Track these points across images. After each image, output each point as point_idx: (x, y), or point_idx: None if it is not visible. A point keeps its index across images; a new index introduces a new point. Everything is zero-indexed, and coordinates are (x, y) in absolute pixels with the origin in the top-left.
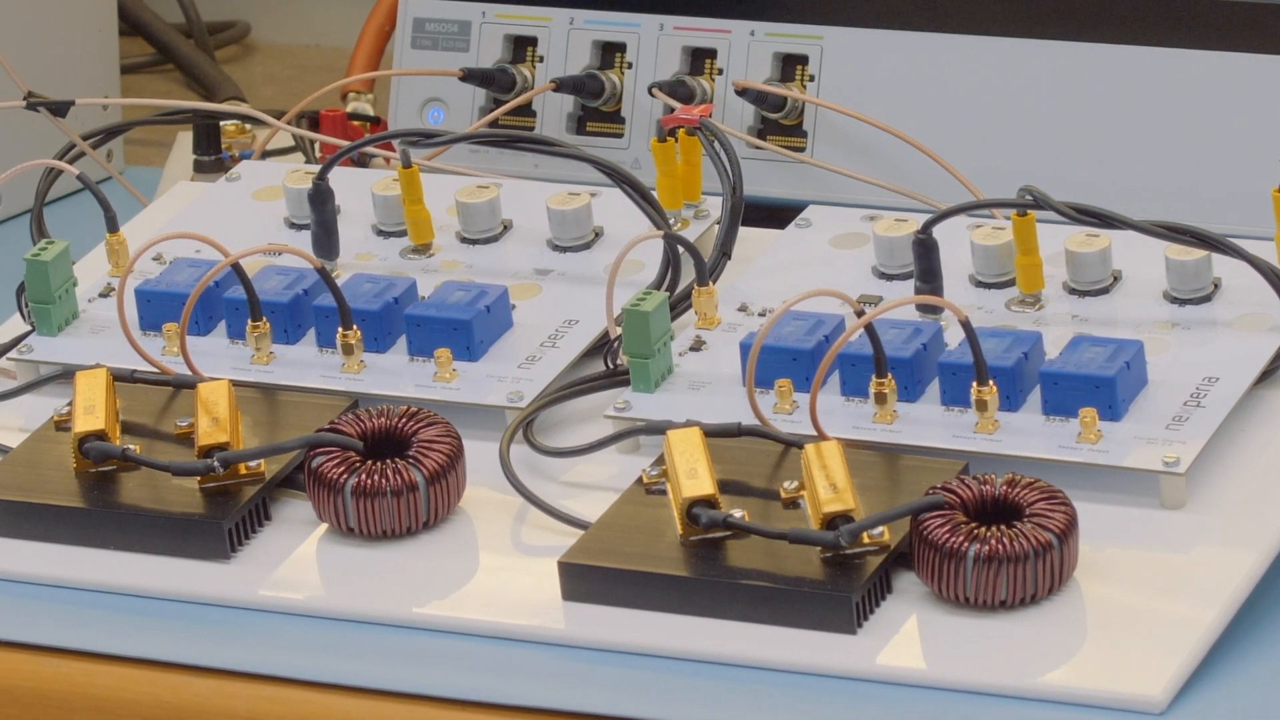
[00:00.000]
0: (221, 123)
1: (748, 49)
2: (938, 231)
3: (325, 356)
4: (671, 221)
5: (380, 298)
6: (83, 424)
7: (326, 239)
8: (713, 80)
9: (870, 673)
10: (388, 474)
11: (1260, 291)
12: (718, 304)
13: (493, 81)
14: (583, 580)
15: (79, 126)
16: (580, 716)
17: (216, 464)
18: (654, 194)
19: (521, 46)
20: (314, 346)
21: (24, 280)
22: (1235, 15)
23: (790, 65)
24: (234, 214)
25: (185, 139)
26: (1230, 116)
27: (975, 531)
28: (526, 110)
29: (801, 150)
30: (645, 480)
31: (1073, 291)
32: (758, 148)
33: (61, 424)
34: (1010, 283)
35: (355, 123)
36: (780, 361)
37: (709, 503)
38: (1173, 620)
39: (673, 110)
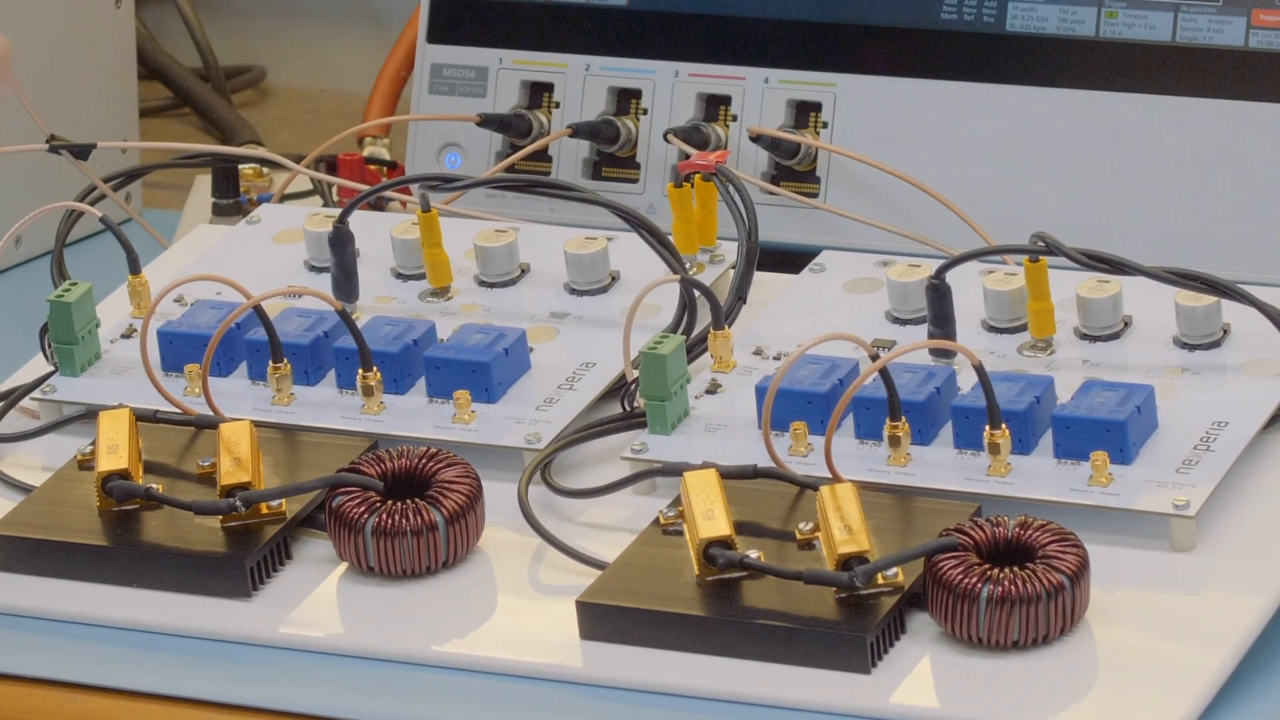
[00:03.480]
0: (240, 166)
1: (762, 96)
2: (950, 277)
3: (345, 398)
4: (687, 266)
5: (400, 340)
6: (106, 463)
7: (346, 282)
8: (727, 127)
9: (884, 712)
10: (408, 514)
11: (1269, 337)
12: (733, 347)
13: (509, 127)
14: (600, 620)
15: (96, 170)
16: None
17: (238, 503)
18: (670, 239)
19: (538, 92)
20: (334, 388)
21: (47, 321)
22: (1245, 64)
23: (804, 112)
24: (254, 257)
25: (203, 182)
26: (1240, 164)
27: (988, 573)
28: (543, 155)
29: (815, 196)
30: (662, 521)
31: (1084, 336)
32: (772, 193)
33: (85, 463)
34: (1022, 328)
35: (372, 167)
36: (795, 404)
37: (725, 543)
38: (1182, 662)
39: (688, 156)
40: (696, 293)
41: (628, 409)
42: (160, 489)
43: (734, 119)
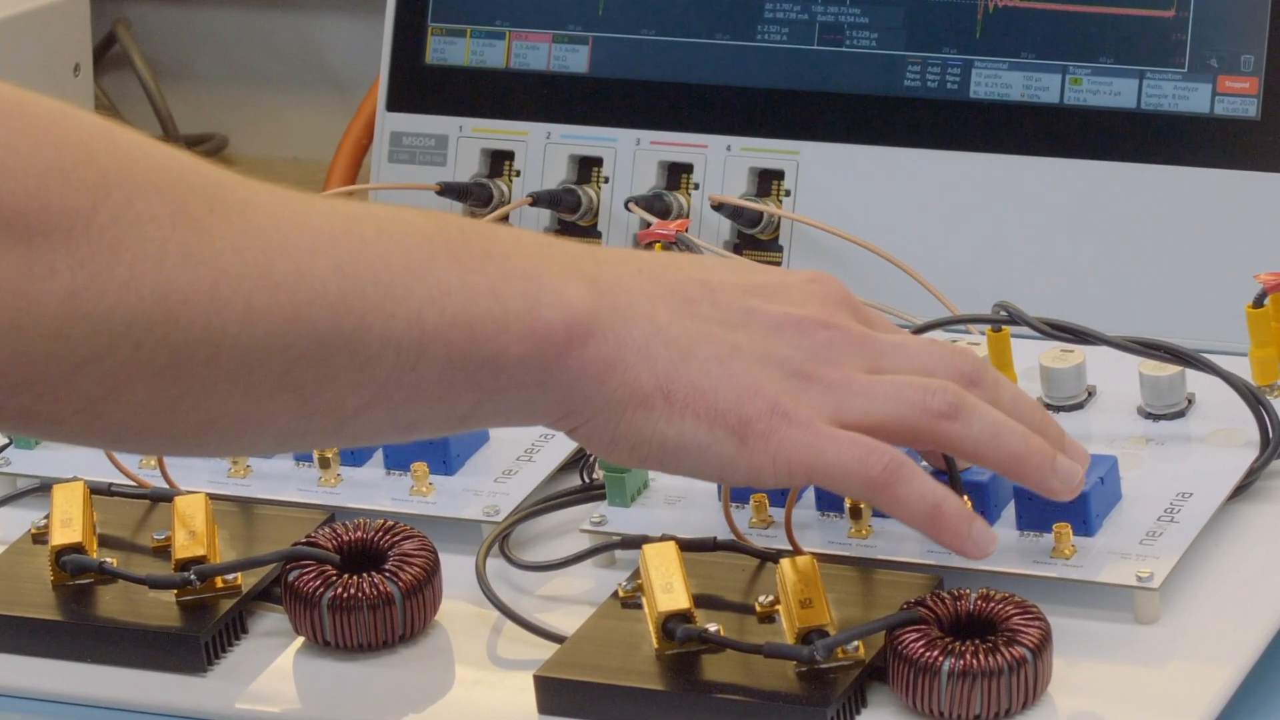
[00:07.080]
0: None
1: (724, 164)
2: None
3: (302, 470)
4: None
5: None
6: (60, 537)
7: None
8: (689, 195)
9: None
10: (364, 587)
11: (1234, 407)
12: None
13: (470, 195)
14: (559, 694)
15: None
16: None
17: (193, 577)
18: None
19: (499, 160)
20: (290, 460)
21: None
22: (1210, 130)
23: (766, 180)
24: None
25: None
26: (1204, 233)
27: (950, 646)
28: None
29: (778, 264)
30: (621, 594)
31: (1047, 406)
32: None
33: (39, 537)
34: None
35: None
36: None
37: (684, 617)
38: None
39: (650, 225)
40: None
41: (587, 481)
42: (114, 563)
43: (696, 187)
